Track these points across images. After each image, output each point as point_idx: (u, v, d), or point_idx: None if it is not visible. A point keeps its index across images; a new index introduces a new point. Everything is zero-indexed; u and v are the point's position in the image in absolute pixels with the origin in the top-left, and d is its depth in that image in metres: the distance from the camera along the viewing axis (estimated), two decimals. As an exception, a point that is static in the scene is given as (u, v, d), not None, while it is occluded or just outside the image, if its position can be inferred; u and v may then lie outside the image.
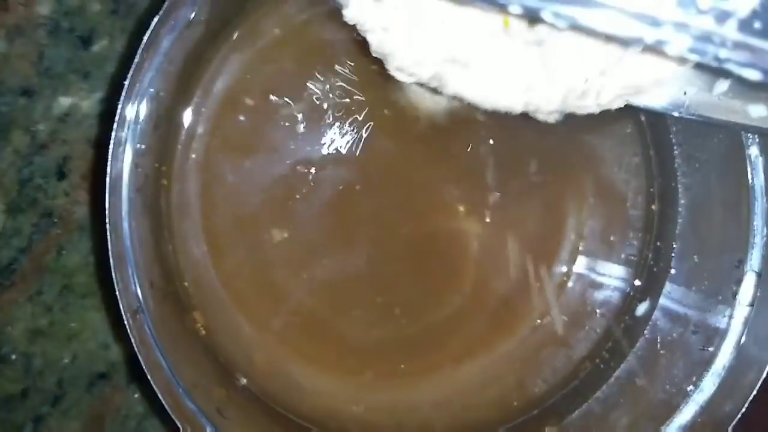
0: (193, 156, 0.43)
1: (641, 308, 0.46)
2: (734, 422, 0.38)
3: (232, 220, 0.43)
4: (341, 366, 0.45)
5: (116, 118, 0.36)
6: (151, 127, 0.39)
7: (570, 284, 0.46)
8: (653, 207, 0.46)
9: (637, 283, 0.46)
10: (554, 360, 0.46)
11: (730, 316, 0.41)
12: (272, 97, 0.43)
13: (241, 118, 0.43)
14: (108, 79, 0.49)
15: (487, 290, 0.45)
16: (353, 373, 0.45)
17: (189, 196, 0.43)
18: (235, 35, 0.42)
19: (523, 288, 0.45)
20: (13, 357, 0.48)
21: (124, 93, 0.36)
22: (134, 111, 0.37)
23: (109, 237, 0.36)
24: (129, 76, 0.36)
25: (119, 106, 0.36)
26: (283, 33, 0.43)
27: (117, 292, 0.36)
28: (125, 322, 0.35)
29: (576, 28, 0.24)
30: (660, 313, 0.45)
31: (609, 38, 0.25)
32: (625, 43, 0.27)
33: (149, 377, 0.35)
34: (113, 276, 0.36)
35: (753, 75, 0.24)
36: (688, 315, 0.43)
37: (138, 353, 0.35)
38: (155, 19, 0.37)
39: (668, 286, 0.45)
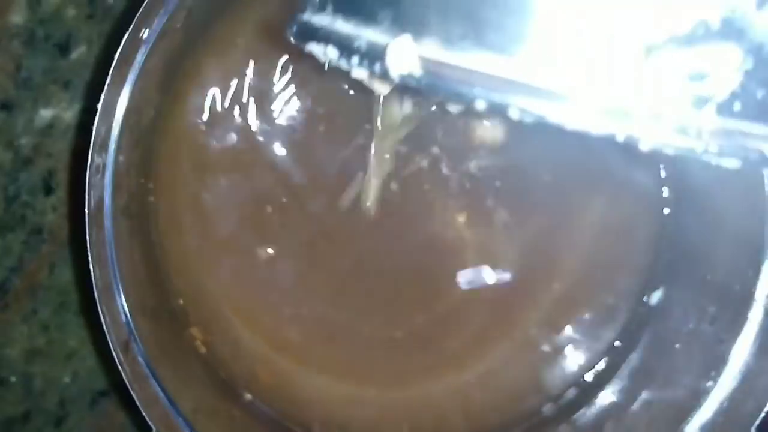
0: (180, 169, 0.41)
1: (655, 297, 0.45)
2: (758, 421, 0.37)
3: (226, 233, 0.41)
4: (347, 373, 0.44)
5: (92, 141, 0.35)
6: (131, 144, 0.37)
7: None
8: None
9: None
10: (567, 356, 0.45)
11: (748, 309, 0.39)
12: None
13: (226, 130, 0.41)
14: (89, 87, 0.47)
15: (488, 291, 0.43)
16: (359, 379, 0.44)
17: (179, 210, 0.41)
18: (214, 43, 0.40)
19: (528, 286, 0.44)
20: (13, 379, 0.47)
21: (98, 114, 0.35)
22: (111, 131, 0.35)
23: (92, 270, 0.34)
24: (102, 95, 0.35)
25: (94, 129, 0.35)
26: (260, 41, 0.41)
27: (104, 326, 0.34)
28: (115, 358, 0.34)
29: (544, 124, 0.23)
30: (674, 303, 0.44)
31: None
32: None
33: (145, 415, 0.34)
34: (99, 309, 0.34)
35: (731, 164, 0.23)
36: (704, 305, 0.42)
37: (131, 389, 0.34)
38: (128, 31, 0.35)
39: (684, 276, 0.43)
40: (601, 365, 0.44)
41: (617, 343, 0.44)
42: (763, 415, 0.37)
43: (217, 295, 0.42)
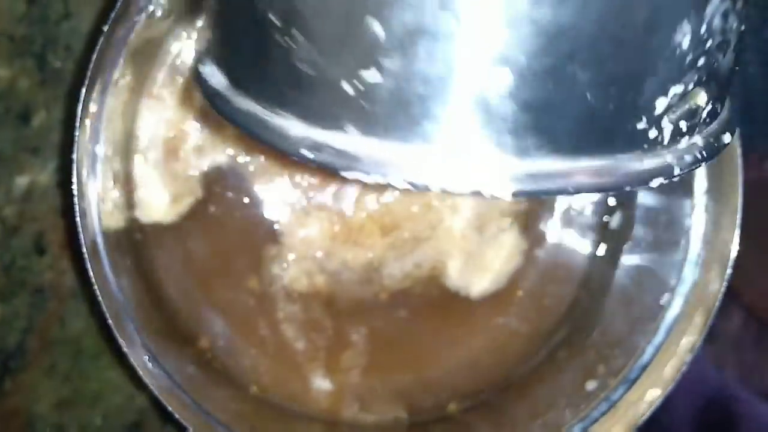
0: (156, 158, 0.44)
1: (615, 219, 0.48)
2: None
3: (215, 254, 0.45)
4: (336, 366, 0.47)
5: (74, 190, 0.38)
6: (110, 186, 0.40)
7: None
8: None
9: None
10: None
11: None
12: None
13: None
14: (57, 148, 0.50)
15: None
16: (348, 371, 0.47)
17: (167, 240, 0.44)
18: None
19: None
20: (48, 432, 0.50)
21: (74, 166, 0.38)
22: (89, 177, 0.38)
23: (102, 303, 0.37)
24: (74, 149, 0.38)
25: (74, 180, 0.38)
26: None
27: (126, 350, 0.37)
28: (141, 376, 0.37)
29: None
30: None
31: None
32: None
33: (180, 418, 0.37)
34: (116, 336, 0.37)
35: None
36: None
37: (161, 399, 0.37)
38: (83, 88, 0.38)
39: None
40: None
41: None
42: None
43: (215, 312, 0.46)
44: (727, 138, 0.28)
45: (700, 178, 0.40)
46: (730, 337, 0.57)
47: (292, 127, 0.25)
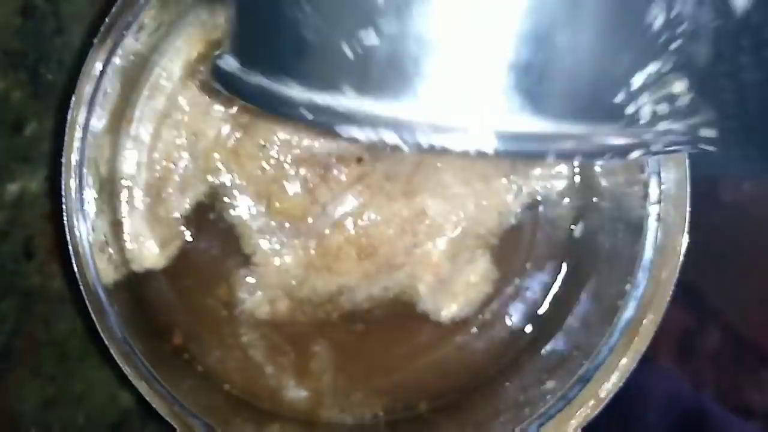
0: (140, 207, 0.47)
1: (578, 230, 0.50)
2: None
3: (192, 277, 0.47)
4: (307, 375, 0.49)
5: (63, 204, 0.40)
6: (97, 190, 0.43)
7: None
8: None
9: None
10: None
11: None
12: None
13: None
14: (47, 157, 0.52)
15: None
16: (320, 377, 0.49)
17: (149, 248, 0.47)
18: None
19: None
20: (33, 431, 0.51)
21: (63, 180, 0.40)
22: (77, 186, 0.41)
23: (91, 309, 0.40)
24: (63, 161, 0.40)
25: (63, 195, 0.40)
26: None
27: (107, 343, 0.40)
28: (130, 377, 0.40)
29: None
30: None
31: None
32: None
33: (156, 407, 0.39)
34: (107, 344, 0.40)
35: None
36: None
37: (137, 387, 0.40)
38: (72, 100, 0.41)
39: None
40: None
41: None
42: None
43: (192, 316, 0.48)
44: (708, 132, 0.29)
45: (653, 187, 0.43)
46: (708, 355, 0.58)
47: (294, 92, 0.28)
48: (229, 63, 0.32)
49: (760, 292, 0.59)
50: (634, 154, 0.28)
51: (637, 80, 0.27)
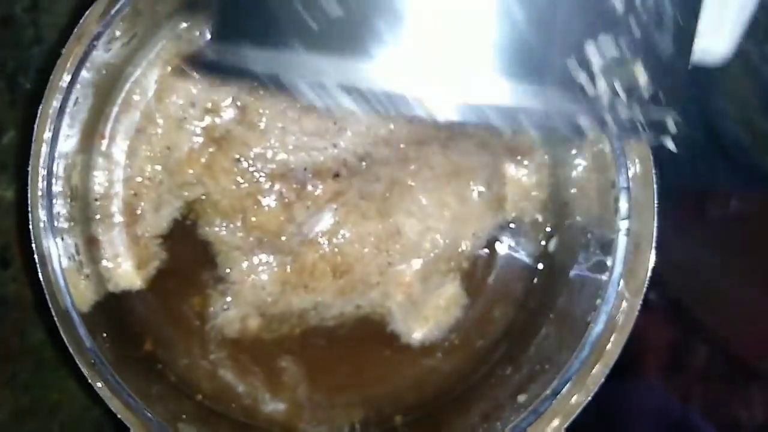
0: (116, 226, 0.47)
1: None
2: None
3: (168, 283, 0.47)
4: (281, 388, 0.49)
5: (29, 203, 0.40)
6: (68, 200, 0.43)
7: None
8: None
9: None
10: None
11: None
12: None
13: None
14: (25, 166, 0.52)
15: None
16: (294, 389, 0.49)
17: (125, 269, 0.47)
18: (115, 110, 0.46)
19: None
20: (6, 440, 0.51)
21: (29, 197, 0.40)
22: (46, 203, 0.41)
23: (52, 308, 0.40)
24: (29, 166, 0.40)
25: (29, 195, 0.40)
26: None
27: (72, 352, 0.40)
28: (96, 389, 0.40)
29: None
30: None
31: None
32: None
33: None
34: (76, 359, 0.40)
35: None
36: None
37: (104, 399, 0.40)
38: (41, 106, 0.41)
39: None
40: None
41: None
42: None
43: (166, 322, 0.48)
44: (670, 126, 0.30)
45: (623, 203, 0.43)
46: (696, 371, 0.58)
47: (255, 56, 0.29)
48: (209, 50, 0.32)
49: (748, 308, 0.59)
50: (588, 128, 0.28)
51: (596, 58, 0.27)
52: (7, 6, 0.51)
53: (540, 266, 0.49)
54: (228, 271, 0.47)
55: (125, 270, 0.46)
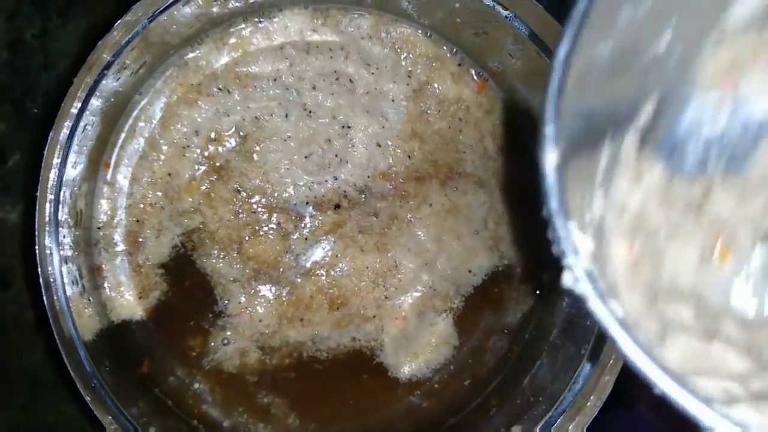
0: (119, 255, 0.47)
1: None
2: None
3: (168, 315, 0.48)
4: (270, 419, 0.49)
5: (36, 230, 0.41)
6: (72, 227, 0.43)
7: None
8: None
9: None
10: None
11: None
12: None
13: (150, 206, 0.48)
14: (29, 189, 0.53)
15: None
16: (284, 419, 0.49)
17: (127, 299, 0.47)
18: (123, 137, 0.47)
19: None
20: (0, 460, 0.51)
21: (37, 209, 0.41)
22: (51, 218, 0.41)
23: (55, 333, 0.40)
24: (38, 194, 0.41)
25: (36, 223, 0.41)
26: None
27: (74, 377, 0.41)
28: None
29: None
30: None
31: None
32: None
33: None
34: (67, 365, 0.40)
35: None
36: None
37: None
38: (51, 133, 0.42)
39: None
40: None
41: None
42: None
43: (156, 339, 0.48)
44: None
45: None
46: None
47: None
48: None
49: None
50: None
51: None
52: (17, 32, 0.52)
53: (534, 301, 0.50)
54: (226, 303, 0.48)
55: (127, 300, 0.47)
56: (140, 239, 0.47)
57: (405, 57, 0.49)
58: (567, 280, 0.22)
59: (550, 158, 0.23)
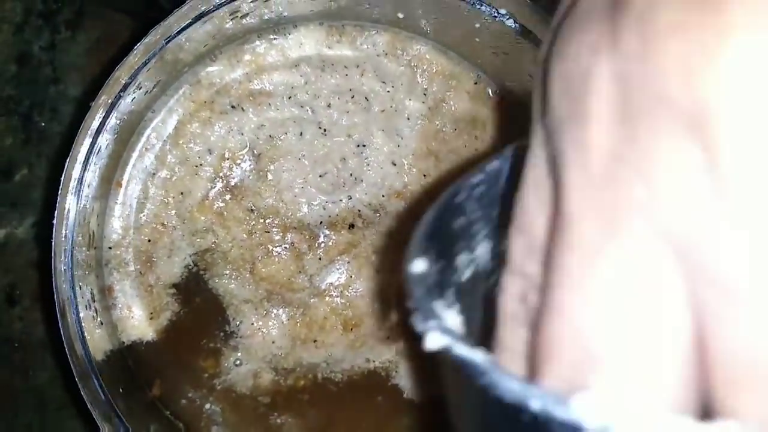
0: (131, 275, 0.47)
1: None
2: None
3: (180, 336, 0.47)
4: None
5: (53, 252, 0.40)
6: (83, 248, 0.43)
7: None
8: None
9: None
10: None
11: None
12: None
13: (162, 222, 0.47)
14: (36, 204, 0.52)
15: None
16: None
17: (138, 319, 0.46)
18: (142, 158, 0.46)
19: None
20: (6, 480, 0.51)
21: (54, 231, 0.40)
22: (67, 239, 0.41)
23: (70, 359, 0.39)
24: (55, 215, 0.40)
25: (53, 243, 0.40)
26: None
27: (89, 405, 0.40)
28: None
29: None
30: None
31: None
32: None
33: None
34: (81, 392, 0.40)
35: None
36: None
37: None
38: (69, 156, 0.41)
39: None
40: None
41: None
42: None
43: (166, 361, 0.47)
44: None
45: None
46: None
47: None
48: None
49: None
50: None
51: None
52: (26, 44, 0.51)
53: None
54: (239, 323, 0.47)
55: (138, 320, 0.46)
56: (153, 259, 0.47)
57: (421, 74, 0.48)
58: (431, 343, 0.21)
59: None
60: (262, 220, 0.47)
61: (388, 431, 0.49)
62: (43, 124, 0.52)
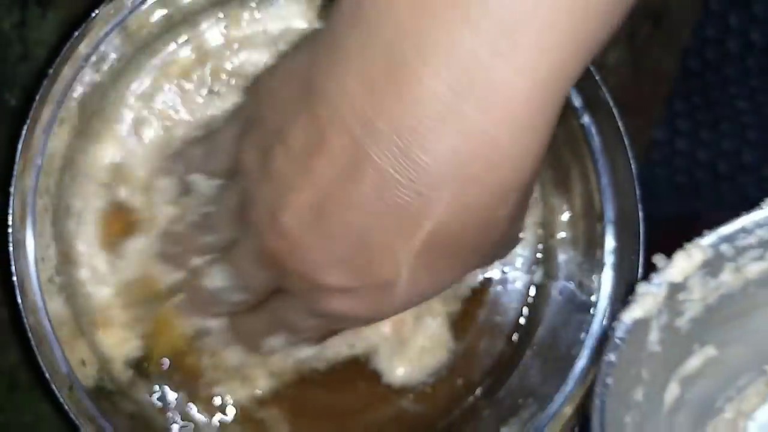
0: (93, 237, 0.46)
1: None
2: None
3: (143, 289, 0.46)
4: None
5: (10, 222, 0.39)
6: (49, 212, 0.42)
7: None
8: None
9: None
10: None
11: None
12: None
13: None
14: (4, 183, 0.51)
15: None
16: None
17: (101, 277, 0.46)
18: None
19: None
20: (-22, 463, 0.50)
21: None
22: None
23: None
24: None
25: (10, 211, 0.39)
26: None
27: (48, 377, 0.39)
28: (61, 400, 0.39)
29: None
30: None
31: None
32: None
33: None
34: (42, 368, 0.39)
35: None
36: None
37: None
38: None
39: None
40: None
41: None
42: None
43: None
44: None
45: (609, 238, 0.43)
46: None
47: None
48: None
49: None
50: None
51: None
52: (-5, 22, 0.51)
53: (526, 304, 0.49)
54: None
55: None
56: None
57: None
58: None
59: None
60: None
61: (362, 414, 0.48)
62: (13, 102, 0.51)
